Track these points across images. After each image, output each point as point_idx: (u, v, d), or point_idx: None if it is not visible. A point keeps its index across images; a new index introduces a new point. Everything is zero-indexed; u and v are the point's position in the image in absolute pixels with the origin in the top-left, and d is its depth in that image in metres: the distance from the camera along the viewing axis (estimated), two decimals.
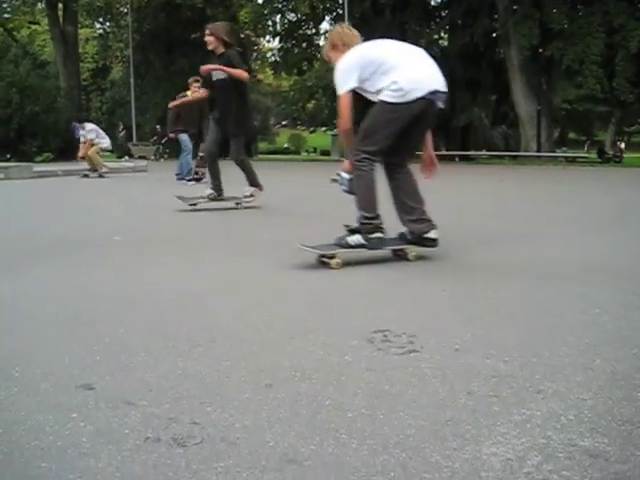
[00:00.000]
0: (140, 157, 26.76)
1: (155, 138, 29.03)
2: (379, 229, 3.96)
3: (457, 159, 24.07)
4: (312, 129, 46.30)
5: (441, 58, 30.66)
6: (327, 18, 36.15)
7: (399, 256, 4.13)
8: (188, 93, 11.51)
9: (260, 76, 46.27)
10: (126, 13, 33.09)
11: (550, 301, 3.01)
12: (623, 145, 26.79)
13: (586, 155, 24.91)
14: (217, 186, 7.27)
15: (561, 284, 3.40)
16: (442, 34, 33.58)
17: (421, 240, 3.99)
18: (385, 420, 1.69)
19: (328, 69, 22.39)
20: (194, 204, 7.19)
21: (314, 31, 36.83)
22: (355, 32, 4.27)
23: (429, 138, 4.23)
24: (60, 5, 32.66)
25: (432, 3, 33.66)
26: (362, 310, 2.84)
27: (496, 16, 25.92)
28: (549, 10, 23.10)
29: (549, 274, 3.66)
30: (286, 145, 67.44)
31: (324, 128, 44.14)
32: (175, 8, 31.13)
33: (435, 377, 2.00)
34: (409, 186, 4.08)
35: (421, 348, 2.27)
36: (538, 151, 23.10)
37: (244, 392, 1.89)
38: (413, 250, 4.06)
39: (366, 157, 3.90)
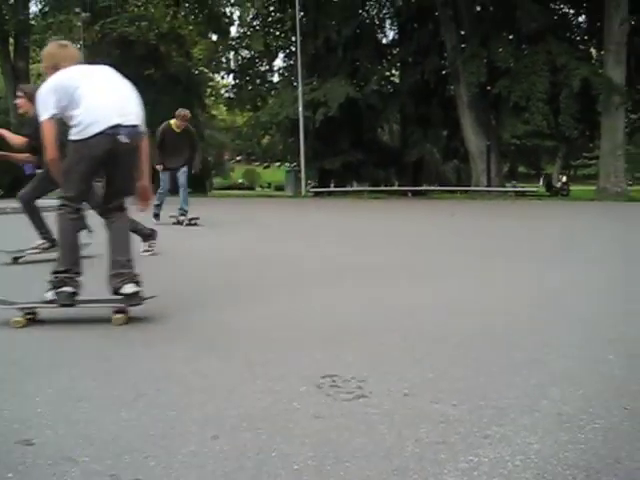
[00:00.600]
0: None
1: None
2: (69, 283, 3.49)
3: (410, 194, 24.37)
4: (266, 164, 46.51)
5: (393, 95, 31.35)
6: (281, 55, 36.62)
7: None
8: (172, 122, 10.45)
9: (214, 112, 46.43)
10: (79, 49, 32.93)
11: (499, 340, 3.03)
12: (565, 178, 27.56)
13: (534, 189, 25.51)
14: (46, 234, 6.22)
15: (510, 322, 3.43)
16: (394, 71, 34.22)
17: (118, 296, 3.50)
18: (331, 471, 1.67)
19: (282, 105, 22.55)
20: (18, 257, 6.15)
21: (268, 68, 37.21)
22: (71, 51, 3.89)
23: (145, 169, 3.83)
24: (11, 40, 32.40)
25: (384, 41, 34.40)
26: (313, 353, 2.82)
27: (445, 54, 26.57)
28: (496, 49, 23.79)
29: (498, 311, 3.70)
30: (241, 180, 67.52)
31: (278, 163, 44.40)
32: (129, 44, 31.15)
33: (383, 424, 1.99)
34: (116, 235, 3.69)
35: (370, 393, 2.25)
36: (488, 185, 23.56)
37: (189, 444, 1.85)
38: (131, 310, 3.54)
39: (64, 203, 3.54)
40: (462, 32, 26.25)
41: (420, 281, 4.92)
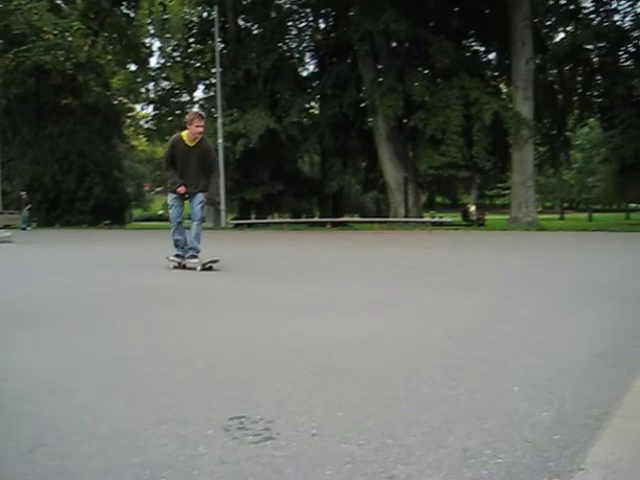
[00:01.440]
0: (5, 226, 25.52)
1: (29, 206, 28.03)
2: None
3: (329, 225, 24.56)
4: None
5: (313, 127, 31.72)
6: (201, 87, 36.61)
7: None
8: (183, 134, 8.36)
9: (134, 142, 45.82)
10: None
11: (410, 375, 3.06)
12: (473, 208, 28.44)
13: (450, 219, 26.15)
14: None
15: (421, 355, 3.47)
16: (313, 104, 34.68)
17: None
18: None
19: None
20: None
21: (188, 99, 37.11)
22: None
23: None
24: None
25: (303, 74, 34.88)
26: (223, 393, 2.77)
27: (363, 88, 27.13)
28: (411, 83, 24.47)
29: (411, 345, 3.73)
30: (161, 212, 66.72)
31: None
32: (45, 73, 30.47)
33: (289, 466, 1.96)
34: None
35: (277, 434, 2.23)
36: (406, 216, 24.02)
37: None
38: None
39: None
40: (379, 66, 26.89)
41: (337, 314, 4.93)
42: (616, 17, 27.63)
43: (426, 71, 28.08)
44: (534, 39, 24.22)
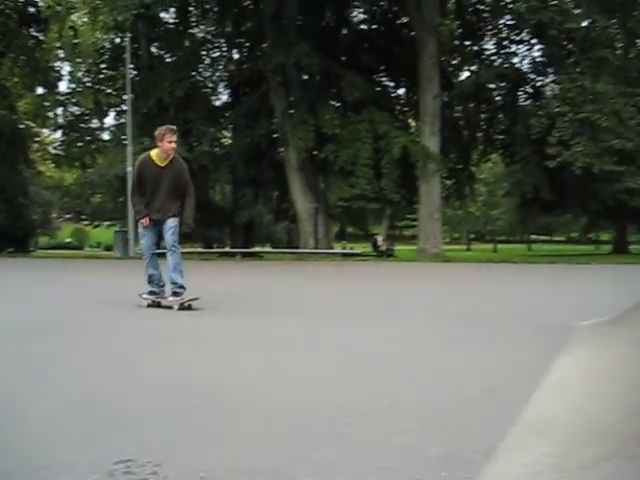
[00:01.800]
0: None
1: None
2: None
3: (238, 256, 24.42)
4: (96, 224, 44.98)
5: (225, 156, 31.63)
6: (112, 113, 35.95)
7: None
8: (152, 153, 7.51)
9: (41, 168, 44.34)
10: None
11: (304, 412, 3.06)
12: (380, 240, 28.99)
13: (358, 251, 26.57)
14: None
15: (317, 392, 3.48)
16: (226, 133, 34.63)
17: None
18: None
19: (112, 164, 21.92)
20: None
21: (99, 125, 36.35)
22: None
23: None
24: None
25: (216, 103, 34.81)
26: (111, 435, 2.69)
27: (276, 119, 27.33)
28: (322, 116, 24.83)
29: (308, 381, 3.74)
30: (69, 239, 64.76)
31: (107, 223, 43.09)
32: None
33: None
34: None
35: (164, 478, 2.18)
36: (316, 247, 24.23)
37: None
38: None
39: None
40: (291, 98, 27.18)
41: (239, 349, 4.89)
42: (515, 60, 29.11)
43: (337, 104, 28.59)
44: (441, 77, 25.11)
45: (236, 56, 34.56)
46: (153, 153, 7.41)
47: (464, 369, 4.15)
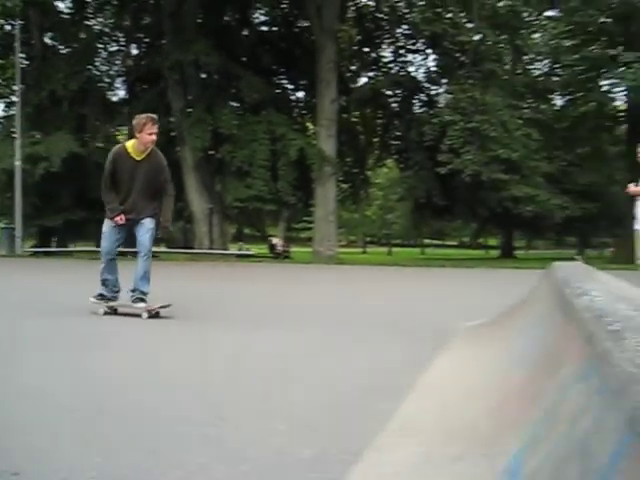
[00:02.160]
0: None
1: None
2: None
3: (129, 256, 23.75)
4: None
5: None
6: (1, 105, 34.29)
7: None
8: (128, 144, 6.76)
9: None
10: None
11: (175, 414, 3.03)
12: (275, 240, 29.15)
13: (251, 252, 26.52)
14: None
15: (191, 392, 3.46)
16: (124, 129, 33.73)
17: None
18: None
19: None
20: None
21: None
22: None
23: None
24: None
25: (113, 99, 33.83)
26: None
27: (172, 118, 26.86)
28: (220, 115, 24.63)
29: (185, 382, 3.71)
30: None
31: None
32: None
33: None
34: None
35: None
36: (211, 247, 24.00)
37: None
38: None
39: None
40: (189, 97, 26.81)
41: (131, 352, 4.79)
42: (411, 68, 29.88)
43: (236, 104, 28.43)
44: (339, 81, 25.43)
45: (134, 51, 33.72)
46: (129, 145, 6.66)
47: (345, 370, 4.23)
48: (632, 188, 8.58)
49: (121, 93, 34.12)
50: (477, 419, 2.77)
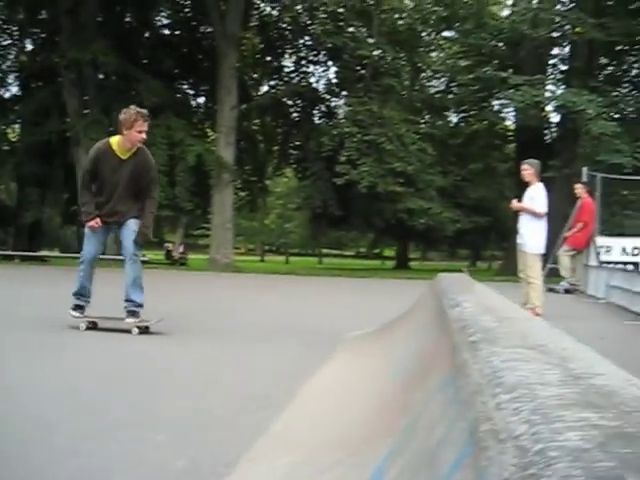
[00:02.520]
0: None
1: None
2: None
3: (17, 260, 22.79)
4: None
5: (10, 152, 29.46)
6: None
7: None
8: (113, 141, 6.27)
9: None
10: None
11: (47, 426, 2.93)
12: (182, 248, 28.76)
13: (147, 258, 25.88)
14: None
15: (67, 403, 3.35)
16: (16, 128, 32.33)
17: None
18: None
19: None
20: None
21: None
22: None
23: None
24: None
25: (5, 95, 32.35)
26: None
27: (68, 118, 25.96)
28: (118, 117, 23.99)
29: (52, 393, 3.59)
30: None
31: None
32: None
33: None
34: None
35: None
36: (103, 253, 23.18)
37: None
38: None
39: None
40: (86, 97, 25.99)
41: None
42: (312, 79, 30.13)
43: (133, 107, 27.81)
44: (240, 88, 25.31)
45: (29, 46, 32.37)
46: (114, 141, 6.14)
47: (228, 380, 4.21)
48: (515, 204, 8.98)
49: (14, 89, 32.69)
50: (352, 428, 2.81)
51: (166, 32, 31.38)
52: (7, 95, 32.54)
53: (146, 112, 6.26)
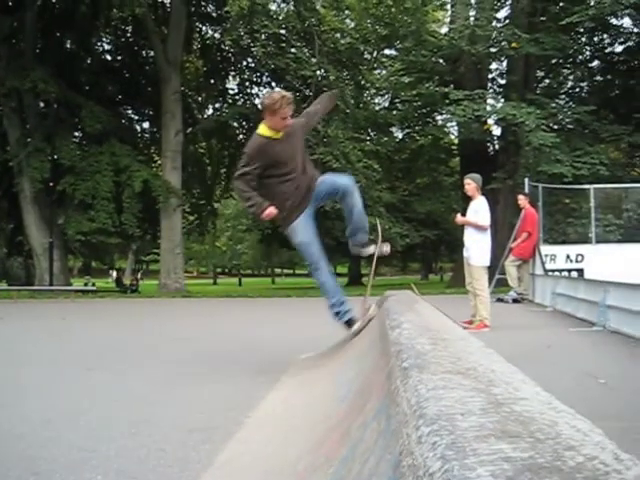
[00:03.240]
0: None
1: None
2: None
3: None
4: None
5: None
6: None
7: None
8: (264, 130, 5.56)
9: None
10: None
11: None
12: (123, 274, 28.33)
13: (92, 288, 25.46)
14: None
15: (8, 445, 3.25)
16: None
17: None
18: None
19: None
20: None
21: None
22: None
23: None
24: None
25: None
26: None
27: (9, 147, 25.48)
28: (61, 146, 23.64)
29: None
30: None
31: None
32: None
33: None
34: None
35: None
36: (51, 283, 22.76)
37: None
38: None
39: None
40: (27, 125, 25.55)
41: None
42: (257, 101, 30.16)
43: (77, 134, 27.39)
44: (184, 112, 25.24)
45: None
46: (264, 130, 5.52)
47: (174, 411, 4.14)
48: (459, 218, 9.11)
49: None
50: (297, 457, 2.79)
51: (108, 58, 31.15)
52: None
53: (290, 95, 5.52)
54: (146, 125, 31.93)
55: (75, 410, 4.20)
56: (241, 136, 30.07)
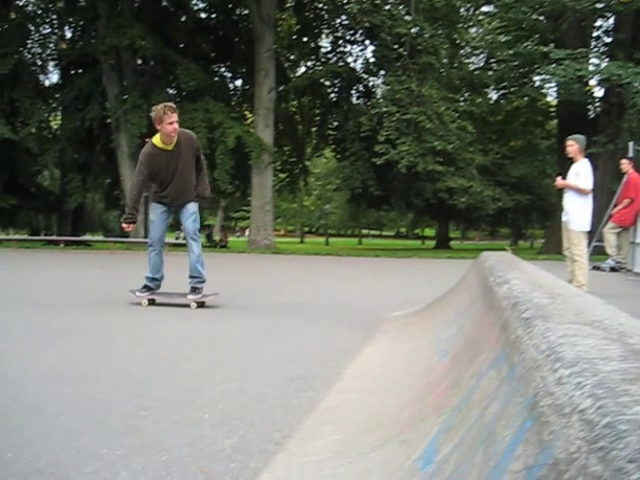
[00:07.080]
0: None
1: None
2: None
3: (62, 244, 23.17)
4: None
5: (53, 139, 29.97)
6: None
7: None
8: (156, 141, 6.55)
9: None
10: None
11: (96, 407, 2.97)
12: (215, 231, 28.88)
13: (183, 241, 26.09)
14: None
15: (118, 384, 3.39)
16: (57, 115, 32.80)
17: None
18: None
19: None
20: None
21: None
22: None
23: None
24: None
25: (46, 83, 32.82)
26: None
27: (108, 104, 26.27)
28: (157, 102, 24.15)
29: (99, 375, 3.64)
30: None
31: None
32: None
33: None
34: None
35: None
36: (145, 236, 23.47)
37: None
38: None
39: None
40: (125, 83, 26.24)
41: (34, 343, 4.66)
42: (349, 59, 29.95)
43: (172, 91, 27.95)
44: (277, 70, 25.29)
45: (68, 34, 32.74)
46: (156, 140, 6.47)
47: (273, 360, 4.22)
48: (560, 181, 8.79)
49: (54, 77, 33.18)
50: (400, 407, 2.80)
51: (202, 15, 31.42)
52: (48, 83, 33.06)
53: (172, 104, 6.39)
54: (239, 83, 32.20)
55: (178, 355, 4.34)
56: (333, 95, 29.95)
